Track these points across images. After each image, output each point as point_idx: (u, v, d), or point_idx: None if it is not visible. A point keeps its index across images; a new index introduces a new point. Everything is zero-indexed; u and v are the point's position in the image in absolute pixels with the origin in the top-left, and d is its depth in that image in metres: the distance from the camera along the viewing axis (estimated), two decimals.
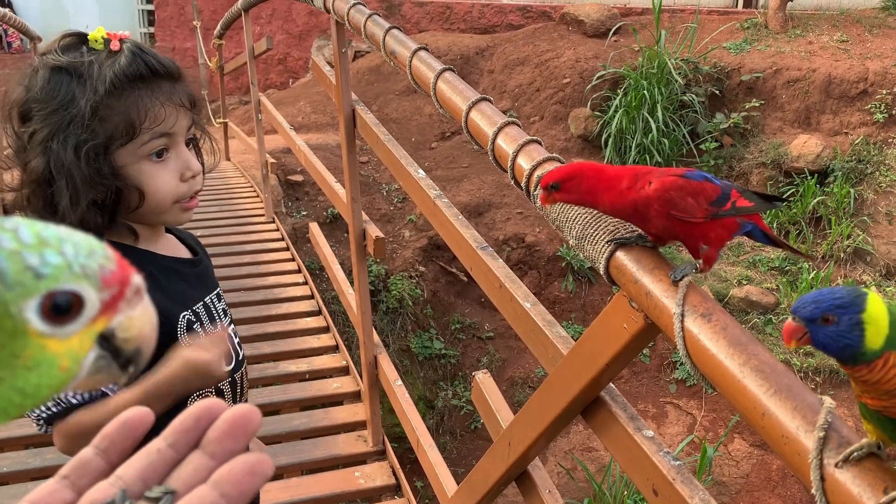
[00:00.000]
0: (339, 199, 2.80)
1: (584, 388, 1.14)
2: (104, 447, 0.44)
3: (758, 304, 6.38)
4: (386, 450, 2.71)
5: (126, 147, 1.12)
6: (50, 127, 1.09)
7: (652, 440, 1.08)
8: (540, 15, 9.37)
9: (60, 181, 1.08)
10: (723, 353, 0.84)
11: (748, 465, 5.68)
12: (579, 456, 5.54)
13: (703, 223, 0.95)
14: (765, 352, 0.83)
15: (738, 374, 0.81)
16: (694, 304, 0.89)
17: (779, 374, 0.80)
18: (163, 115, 1.13)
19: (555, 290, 6.67)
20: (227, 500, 0.40)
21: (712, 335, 0.86)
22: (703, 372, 0.88)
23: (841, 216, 6.85)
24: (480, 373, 1.67)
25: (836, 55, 7.79)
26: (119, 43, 1.13)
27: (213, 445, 0.42)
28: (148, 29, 10.09)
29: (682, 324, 0.89)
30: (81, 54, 1.12)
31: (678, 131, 7.35)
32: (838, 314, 0.68)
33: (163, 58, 1.17)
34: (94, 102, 1.08)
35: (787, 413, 0.76)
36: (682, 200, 0.93)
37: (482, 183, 7.06)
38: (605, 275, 1.02)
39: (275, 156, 5.91)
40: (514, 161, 1.27)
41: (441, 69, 1.60)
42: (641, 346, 1.04)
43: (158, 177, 1.15)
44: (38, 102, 1.10)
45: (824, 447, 0.72)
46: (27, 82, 1.12)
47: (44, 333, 0.38)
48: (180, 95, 1.16)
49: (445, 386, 6.06)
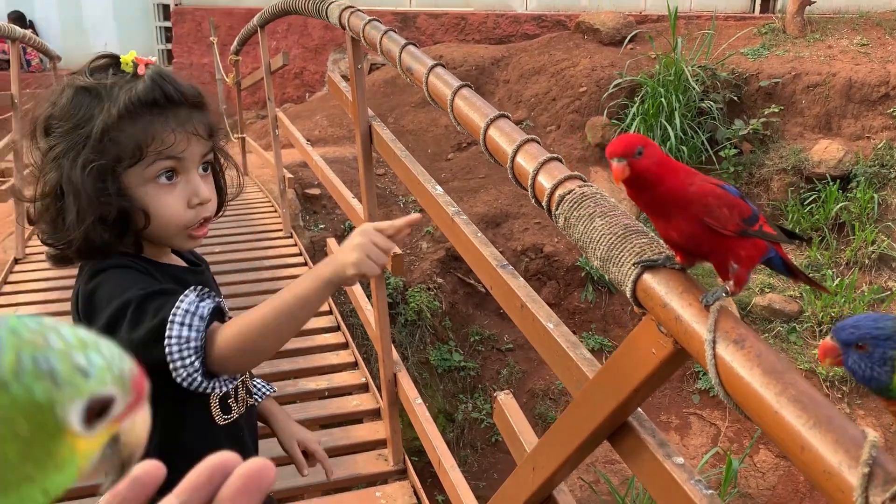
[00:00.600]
0: (356, 214, 2.78)
1: (611, 414, 1.11)
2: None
3: (781, 313, 6.29)
4: (407, 469, 2.68)
5: (133, 168, 1.14)
6: (65, 144, 1.13)
7: (682, 468, 1.05)
8: (555, 24, 9.35)
9: (69, 197, 1.12)
10: (758, 382, 0.80)
11: (774, 477, 5.59)
12: (602, 468, 5.47)
13: (733, 238, 0.92)
14: (802, 381, 0.79)
15: (774, 405, 0.78)
16: (726, 330, 0.86)
17: (818, 405, 0.76)
18: (171, 140, 1.14)
19: (574, 301, 6.62)
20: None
21: (746, 363, 0.82)
22: (736, 401, 0.84)
23: (864, 222, 6.75)
24: (502, 393, 1.64)
25: (856, 59, 7.70)
26: (144, 67, 1.16)
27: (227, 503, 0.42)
28: (165, 46, 10.19)
29: (713, 350, 0.85)
30: (107, 76, 1.15)
31: (697, 139, 7.29)
32: (872, 344, 0.66)
33: (185, 86, 1.18)
34: (106, 124, 1.11)
35: (829, 447, 0.72)
36: (719, 209, 0.90)
37: (499, 193, 7.03)
38: (631, 298, 0.99)
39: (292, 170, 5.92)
40: (535, 179, 1.24)
41: (458, 86, 1.58)
42: (671, 371, 1.01)
43: (163, 200, 1.16)
44: (59, 120, 1.14)
45: (869, 484, 0.68)
46: (54, 99, 1.16)
47: (77, 434, 0.39)
48: (196, 124, 1.17)
49: (465, 399, 6.02)
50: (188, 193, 1.18)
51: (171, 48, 10.04)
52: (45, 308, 3.75)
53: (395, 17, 9.44)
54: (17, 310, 3.81)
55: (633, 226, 1.03)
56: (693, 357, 0.91)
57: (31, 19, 9.78)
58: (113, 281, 1.13)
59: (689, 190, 0.91)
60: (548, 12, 9.50)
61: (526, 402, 6.07)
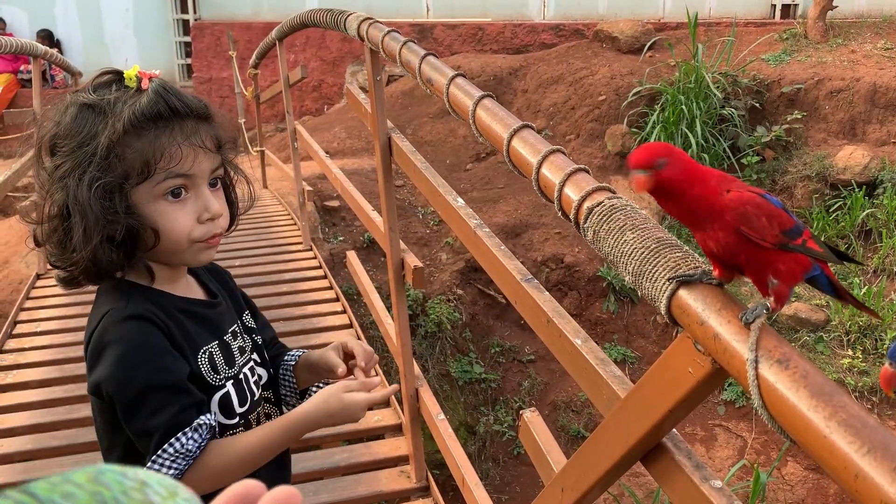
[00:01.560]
0: (376, 228, 2.76)
1: (645, 435, 1.06)
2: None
3: (807, 322, 6.18)
4: (430, 486, 2.63)
5: (141, 186, 1.11)
6: (71, 162, 1.10)
7: (721, 492, 1.00)
8: (573, 33, 9.32)
9: (75, 216, 1.10)
10: (804, 405, 0.76)
11: (803, 490, 5.47)
12: (626, 482, 5.39)
13: (772, 251, 0.87)
14: (853, 403, 0.75)
15: (824, 430, 0.73)
16: (769, 349, 0.81)
17: (871, 429, 0.71)
18: (179, 155, 1.11)
19: (596, 311, 6.55)
20: None
21: (791, 384, 0.78)
22: (781, 424, 0.80)
23: (892, 228, 6.63)
24: (528, 411, 1.60)
25: (880, 63, 7.59)
26: (148, 81, 1.14)
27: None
28: (185, 60, 10.27)
29: (756, 371, 0.81)
30: (110, 92, 1.13)
31: (718, 146, 7.21)
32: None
33: (189, 98, 1.15)
34: (111, 140, 1.09)
35: (886, 475, 0.67)
36: (757, 219, 0.86)
37: (518, 203, 6.99)
38: (666, 315, 0.95)
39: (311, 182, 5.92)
40: (562, 191, 1.20)
41: (480, 96, 1.55)
42: (708, 392, 0.96)
43: (173, 217, 1.13)
44: (64, 138, 1.12)
45: None
46: (58, 118, 1.14)
47: None
48: (203, 137, 1.14)
49: (487, 411, 5.96)
50: (198, 209, 1.15)
51: (191, 63, 10.12)
52: (65, 324, 3.76)
53: (412, 28, 9.46)
54: (38, 325, 3.82)
55: (667, 239, 0.99)
56: (733, 377, 0.86)
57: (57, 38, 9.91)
58: (121, 347, 1.10)
59: (725, 197, 0.87)
60: (565, 21, 9.47)
61: (548, 414, 6.00)
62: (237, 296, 1.37)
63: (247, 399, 1.24)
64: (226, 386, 1.21)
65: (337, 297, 4.10)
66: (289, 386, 1.37)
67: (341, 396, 1.18)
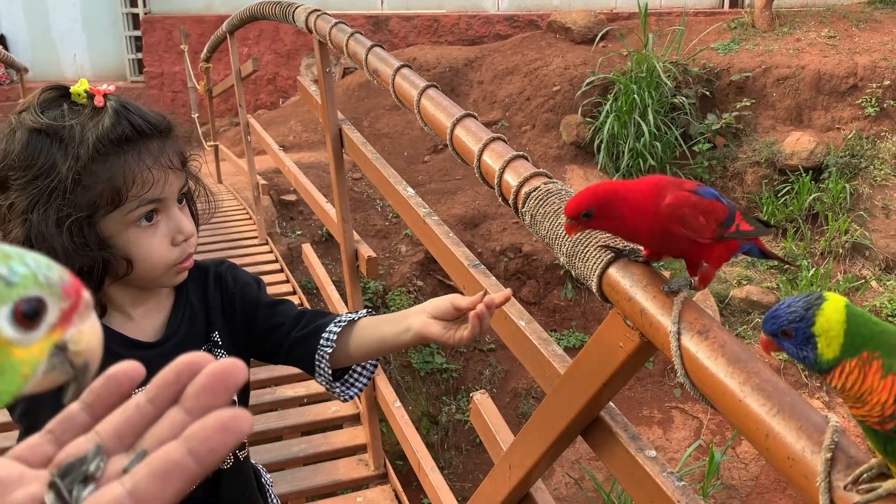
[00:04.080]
0: (330, 219, 2.77)
1: (583, 409, 1.11)
2: (90, 402, 0.44)
3: (759, 304, 6.35)
4: (388, 473, 2.67)
5: (111, 215, 1.03)
6: (29, 197, 1.01)
7: (654, 461, 1.05)
8: (527, 24, 9.38)
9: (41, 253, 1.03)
10: (722, 372, 0.81)
11: (757, 468, 5.63)
12: (587, 465, 5.49)
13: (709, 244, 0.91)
14: (766, 369, 0.79)
15: (738, 394, 0.78)
16: (690, 321, 0.86)
17: (781, 392, 0.76)
18: (151, 180, 1.04)
19: (554, 299, 6.64)
20: (194, 456, 0.38)
21: (710, 353, 0.83)
22: (702, 391, 0.85)
23: (837, 212, 6.84)
24: (478, 394, 1.64)
25: (824, 51, 7.79)
26: (103, 99, 1.04)
27: (191, 401, 0.41)
28: (136, 55, 10.09)
29: (678, 342, 0.85)
30: (62, 114, 1.02)
31: (670, 134, 7.34)
32: (794, 329, 0.68)
33: (151, 114, 1.07)
34: (76, 170, 1.00)
35: (792, 433, 0.72)
36: (694, 219, 0.89)
37: (476, 194, 7.04)
38: (597, 292, 0.99)
39: (267, 176, 5.89)
40: (501, 177, 1.24)
41: (424, 86, 1.58)
42: (639, 364, 1.01)
43: (148, 244, 1.07)
44: (16, 170, 1.01)
45: (832, 468, 0.69)
46: (4, 145, 1.03)
47: (11, 341, 0.39)
48: (170, 155, 1.07)
49: (448, 400, 6.01)
50: (171, 231, 1.09)
51: (142, 57, 9.95)
52: None
53: (367, 20, 9.42)
54: None
55: None
56: (659, 349, 0.91)
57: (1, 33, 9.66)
58: None
59: (663, 205, 0.90)
60: (519, 12, 9.52)
61: (509, 401, 6.08)
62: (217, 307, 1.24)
63: None
64: None
65: (294, 291, 4.10)
66: (323, 374, 1.24)
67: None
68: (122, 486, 0.38)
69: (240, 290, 1.25)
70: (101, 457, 0.41)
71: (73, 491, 0.39)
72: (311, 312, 1.27)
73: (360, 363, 1.25)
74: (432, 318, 1.14)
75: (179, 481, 0.38)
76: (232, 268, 1.30)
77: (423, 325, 1.14)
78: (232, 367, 0.41)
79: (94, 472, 0.40)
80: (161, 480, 0.38)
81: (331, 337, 1.20)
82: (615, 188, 0.91)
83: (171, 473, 0.38)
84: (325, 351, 1.20)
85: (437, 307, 1.14)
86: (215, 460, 0.39)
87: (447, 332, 1.13)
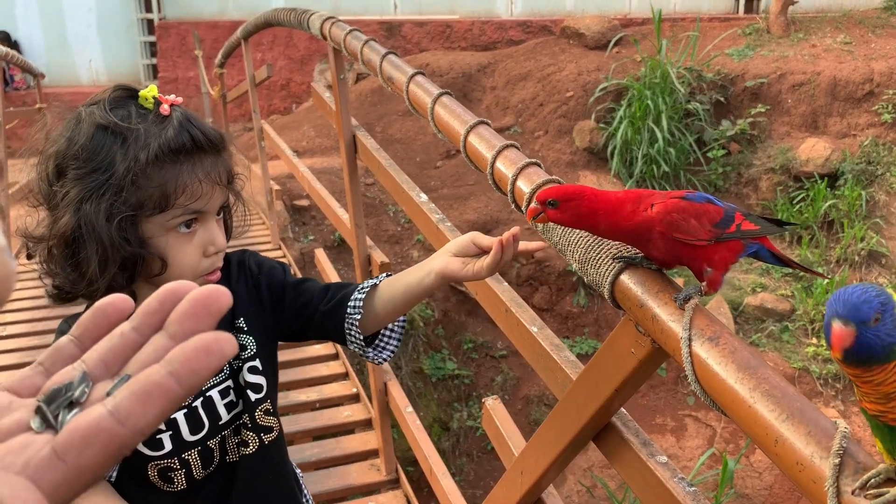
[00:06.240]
0: (343, 224, 2.79)
1: (594, 415, 1.11)
2: (78, 334, 0.44)
3: (773, 312, 6.31)
4: (399, 478, 2.67)
5: (155, 217, 1.09)
6: (84, 187, 1.06)
7: (665, 466, 1.05)
8: (540, 29, 9.39)
9: (91, 245, 1.06)
10: (732, 378, 0.81)
11: (771, 477, 5.59)
12: (599, 473, 5.47)
13: (708, 246, 0.92)
14: (775, 375, 0.80)
15: (748, 400, 0.78)
16: (701, 328, 0.86)
17: (790, 398, 0.77)
18: (199, 192, 1.09)
19: (567, 305, 6.63)
20: (176, 378, 0.39)
21: (721, 359, 0.83)
22: (712, 396, 0.85)
23: (853, 219, 6.79)
24: (490, 399, 1.64)
25: (840, 57, 7.75)
26: (169, 108, 1.09)
27: (174, 326, 0.41)
28: (150, 60, 10.19)
29: (689, 348, 0.86)
30: (129, 114, 1.08)
31: (684, 140, 7.32)
32: (883, 311, 0.64)
33: (210, 130, 1.13)
34: (133, 171, 1.05)
35: (801, 439, 0.73)
36: (686, 223, 0.91)
37: (489, 200, 7.05)
38: (609, 299, 1.00)
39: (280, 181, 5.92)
40: (514, 184, 1.25)
41: (438, 93, 1.59)
42: (650, 371, 1.01)
43: (182, 250, 1.12)
44: (77, 160, 1.07)
45: (840, 473, 0.69)
46: (70, 133, 1.08)
47: None
48: (220, 171, 1.13)
49: (460, 407, 6.01)
50: (205, 242, 1.14)
51: (157, 62, 10.04)
52: (32, 327, 3.74)
53: (380, 25, 9.47)
54: (4, 329, 3.79)
55: None
56: (670, 355, 0.92)
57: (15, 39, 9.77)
58: None
59: (647, 214, 0.91)
60: (533, 18, 9.54)
61: (521, 408, 6.07)
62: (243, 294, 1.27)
63: (203, 426, 1.18)
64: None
65: None
66: (355, 341, 1.27)
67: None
68: (104, 406, 0.39)
69: (266, 275, 1.28)
70: (87, 383, 0.41)
71: (58, 415, 0.40)
72: (336, 285, 1.30)
73: (388, 326, 1.28)
74: (453, 257, 1.18)
75: (161, 401, 0.38)
76: (254, 255, 1.33)
77: (444, 265, 1.17)
78: (215, 293, 0.41)
79: (80, 397, 0.41)
80: (142, 401, 0.38)
81: (357, 304, 1.23)
82: (586, 190, 0.95)
83: (152, 394, 0.38)
84: (353, 319, 1.23)
85: (457, 244, 1.19)
86: (198, 382, 0.39)
87: (467, 265, 1.16)
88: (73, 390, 0.41)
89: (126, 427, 0.38)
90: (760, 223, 0.98)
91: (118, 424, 0.38)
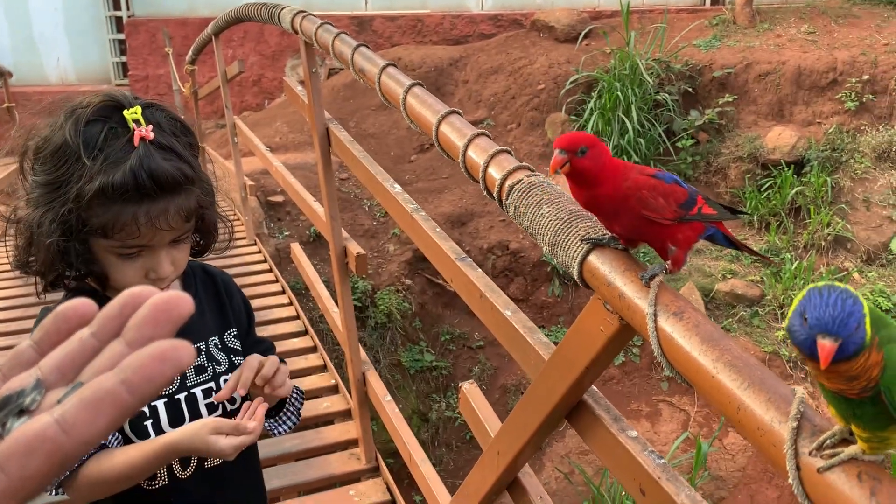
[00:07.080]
0: (318, 218, 2.80)
1: (566, 393, 1.15)
2: (38, 339, 0.43)
3: (743, 297, 6.42)
4: (379, 466, 2.70)
5: (98, 240, 1.14)
6: (41, 193, 1.13)
7: (636, 440, 1.09)
8: (511, 23, 9.43)
9: (38, 243, 1.14)
10: (696, 350, 0.85)
11: (744, 458, 5.71)
12: (576, 459, 5.54)
13: (672, 225, 0.96)
14: (736, 347, 0.84)
15: (712, 370, 0.82)
16: (666, 304, 0.90)
17: (751, 367, 0.81)
18: (137, 233, 1.12)
19: (542, 295, 6.69)
20: (127, 386, 0.37)
21: (685, 333, 0.87)
22: (678, 369, 0.89)
23: (819, 205, 6.93)
24: (467, 383, 1.68)
25: (804, 47, 7.89)
26: (138, 140, 1.10)
27: (132, 332, 0.40)
28: (120, 58, 10.07)
29: (655, 323, 0.90)
30: (101, 132, 1.10)
31: (654, 130, 7.41)
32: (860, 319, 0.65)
33: (169, 172, 1.11)
34: (79, 197, 1.10)
35: (761, 405, 0.77)
36: (654, 200, 0.94)
37: (464, 193, 7.08)
38: (578, 279, 1.03)
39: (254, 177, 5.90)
40: (486, 171, 1.28)
41: (410, 84, 1.62)
42: (619, 347, 1.05)
43: (123, 272, 1.18)
44: (44, 165, 1.13)
45: (798, 436, 0.73)
46: (48, 133, 1.14)
47: None
48: (170, 216, 1.13)
49: (438, 398, 6.05)
50: (147, 268, 1.18)
51: (126, 60, 9.92)
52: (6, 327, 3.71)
53: (351, 20, 9.45)
54: None
55: (579, 211, 1.08)
56: (637, 331, 0.95)
57: None
58: None
59: (623, 186, 0.95)
60: (503, 11, 9.58)
61: (499, 397, 6.12)
62: (228, 310, 1.37)
63: (183, 419, 1.23)
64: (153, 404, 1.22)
65: (283, 290, 4.13)
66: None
67: (207, 439, 1.15)
68: (51, 415, 0.38)
69: (243, 310, 1.42)
70: (40, 390, 0.40)
71: (6, 423, 0.39)
72: None
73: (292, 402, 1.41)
74: None
75: (111, 410, 0.37)
76: (235, 284, 1.46)
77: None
78: (175, 298, 0.41)
79: (30, 404, 0.40)
80: (90, 410, 0.37)
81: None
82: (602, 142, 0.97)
83: (102, 402, 0.37)
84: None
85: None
86: (152, 390, 0.38)
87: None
88: (25, 397, 0.40)
89: (70, 437, 0.37)
90: (718, 208, 1.02)
91: (62, 434, 0.37)
